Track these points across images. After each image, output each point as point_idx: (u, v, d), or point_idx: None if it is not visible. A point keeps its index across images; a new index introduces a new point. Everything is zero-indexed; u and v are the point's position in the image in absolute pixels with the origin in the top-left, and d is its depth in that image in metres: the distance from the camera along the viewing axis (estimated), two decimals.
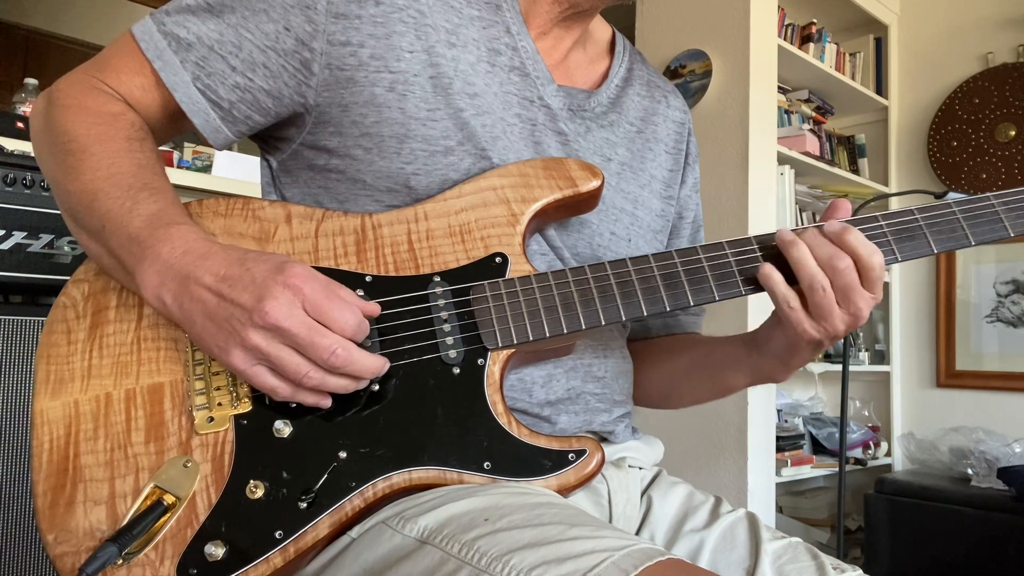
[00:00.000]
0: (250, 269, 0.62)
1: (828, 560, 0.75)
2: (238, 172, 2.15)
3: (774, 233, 0.72)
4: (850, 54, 3.19)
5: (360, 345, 0.63)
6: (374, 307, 0.66)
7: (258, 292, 0.60)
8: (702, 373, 0.89)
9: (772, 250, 0.72)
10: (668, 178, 0.93)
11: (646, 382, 0.93)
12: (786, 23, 2.85)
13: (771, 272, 0.70)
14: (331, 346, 0.61)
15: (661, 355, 0.93)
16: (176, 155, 2.34)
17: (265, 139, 0.81)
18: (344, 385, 0.64)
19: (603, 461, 0.69)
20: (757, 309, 2.40)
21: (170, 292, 0.63)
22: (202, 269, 0.62)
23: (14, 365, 1.43)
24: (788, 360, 0.78)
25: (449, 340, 0.69)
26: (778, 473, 2.51)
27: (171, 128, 0.78)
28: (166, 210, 0.67)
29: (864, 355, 3.11)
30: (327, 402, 0.65)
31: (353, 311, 0.62)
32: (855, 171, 3.21)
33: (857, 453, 2.92)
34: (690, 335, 0.97)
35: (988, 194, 0.74)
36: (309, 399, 0.64)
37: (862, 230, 0.72)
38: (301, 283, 0.61)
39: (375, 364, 0.64)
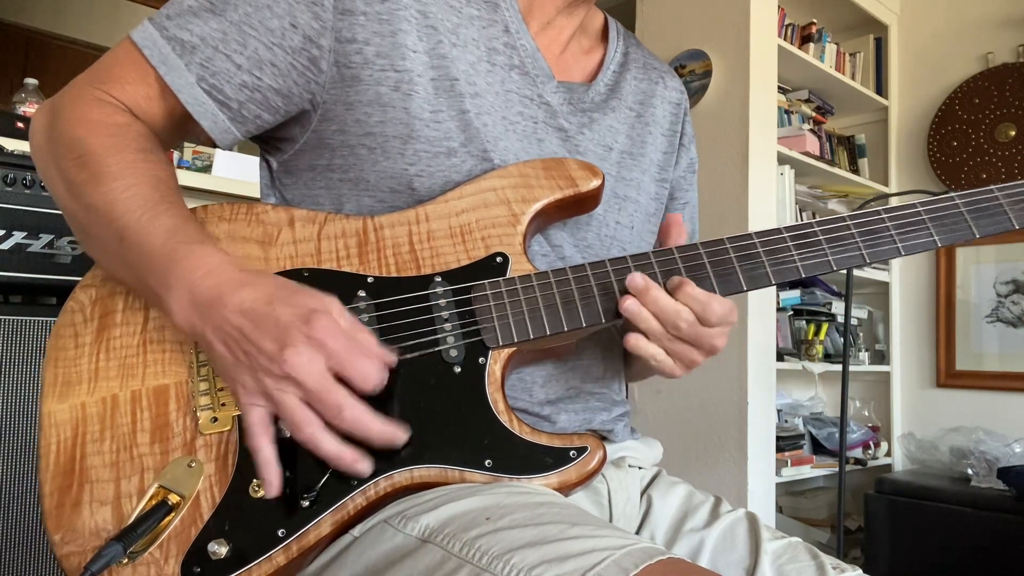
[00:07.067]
0: (275, 310, 0.61)
1: (828, 560, 0.75)
2: (238, 172, 2.15)
3: (778, 228, 0.72)
4: (850, 54, 3.19)
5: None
6: (392, 357, 0.65)
7: (281, 340, 0.59)
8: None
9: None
10: (663, 160, 0.92)
11: None
12: (786, 23, 2.85)
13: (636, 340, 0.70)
14: (339, 405, 0.60)
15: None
16: (176, 155, 2.34)
17: (266, 139, 0.80)
18: (337, 453, 0.61)
19: (605, 459, 0.69)
20: (756, 299, 2.40)
21: (198, 314, 0.63)
22: (228, 298, 0.62)
23: (14, 365, 1.43)
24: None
25: (450, 339, 0.69)
26: (778, 473, 2.51)
27: (179, 134, 0.77)
28: (183, 227, 0.66)
29: (864, 355, 3.11)
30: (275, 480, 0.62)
31: (375, 366, 0.62)
32: (855, 171, 3.21)
33: (857, 453, 2.92)
34: None
35: (992, 187, 0.74)
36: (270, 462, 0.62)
37: (865, 223, 0.72)
38: (325, 337, 0.60)
39: (383, 431, 0.62)
